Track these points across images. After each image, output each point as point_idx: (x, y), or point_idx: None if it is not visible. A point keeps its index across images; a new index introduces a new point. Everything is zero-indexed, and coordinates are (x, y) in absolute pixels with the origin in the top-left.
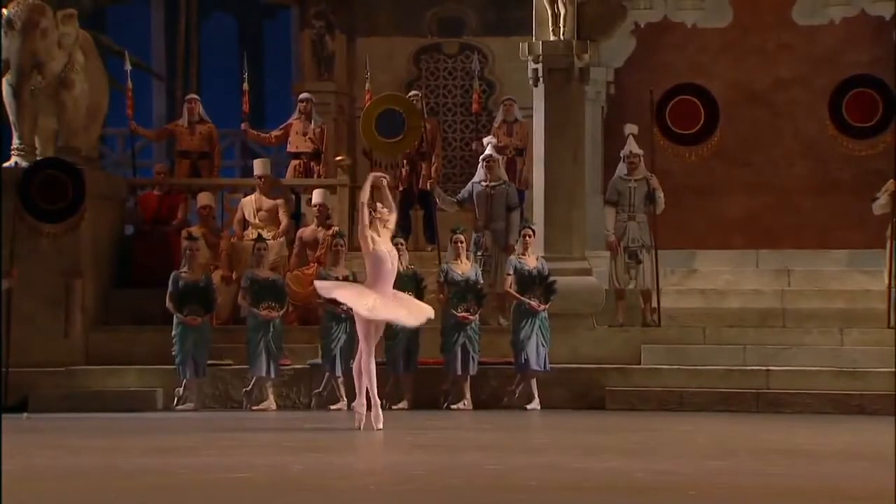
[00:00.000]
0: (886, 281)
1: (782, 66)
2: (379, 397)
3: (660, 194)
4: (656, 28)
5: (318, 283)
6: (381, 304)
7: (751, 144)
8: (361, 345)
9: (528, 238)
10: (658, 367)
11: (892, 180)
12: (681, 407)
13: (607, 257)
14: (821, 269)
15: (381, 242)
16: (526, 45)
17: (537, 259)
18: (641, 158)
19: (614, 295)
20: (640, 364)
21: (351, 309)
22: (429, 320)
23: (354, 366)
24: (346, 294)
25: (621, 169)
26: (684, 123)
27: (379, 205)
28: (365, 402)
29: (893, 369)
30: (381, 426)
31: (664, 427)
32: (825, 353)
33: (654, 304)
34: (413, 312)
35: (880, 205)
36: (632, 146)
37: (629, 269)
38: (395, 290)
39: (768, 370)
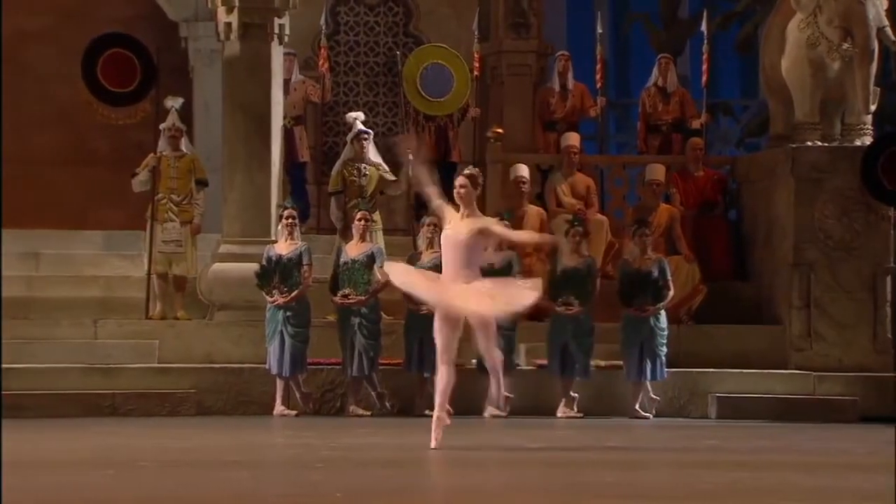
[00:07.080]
0: (146, 267)
1: (25, 18)
2: None
3: None
4: None
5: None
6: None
7: None
8: None
9: None
10: None
11: (151, 154)
12: None
13: None
14: (74, 252)
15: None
16: None
17: None
18: None
19: None
20: None
21: None
22: None
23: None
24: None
25: None
26: None
27: None
28: None
29: (153, 365)
30: None
31: None
32: (77, 347)
33: None
34: None
35: (140, 181)
36: None
37: None
38: None
39: (12, 368)
